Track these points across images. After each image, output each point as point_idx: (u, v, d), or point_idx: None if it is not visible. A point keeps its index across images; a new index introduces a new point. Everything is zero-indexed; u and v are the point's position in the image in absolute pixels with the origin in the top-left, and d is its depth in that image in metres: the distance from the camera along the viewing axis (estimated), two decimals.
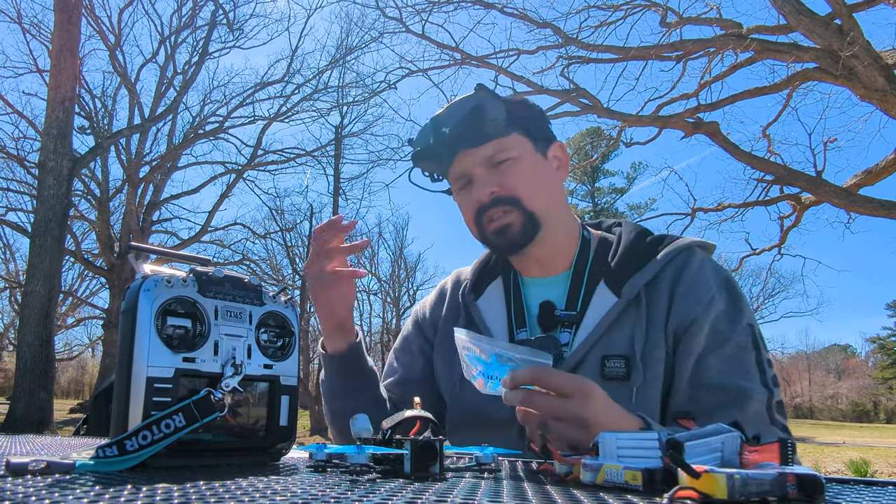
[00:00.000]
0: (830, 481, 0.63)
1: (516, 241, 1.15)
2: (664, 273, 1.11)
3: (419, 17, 10.54)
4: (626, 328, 1.08)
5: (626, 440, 0.55)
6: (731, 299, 1.08)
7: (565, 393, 0.80)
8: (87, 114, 15.82)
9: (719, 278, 1.11)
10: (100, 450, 0.58)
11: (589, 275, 1.17)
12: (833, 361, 45.66)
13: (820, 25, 7.35)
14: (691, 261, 1.12)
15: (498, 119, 1.13)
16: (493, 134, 1.14)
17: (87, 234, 18.50)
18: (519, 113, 1.18)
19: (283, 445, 0.71)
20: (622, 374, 1.05)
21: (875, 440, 19.40)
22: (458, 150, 1.16)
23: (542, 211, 1.15)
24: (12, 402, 9.77)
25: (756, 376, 1.03)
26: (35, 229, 10.16)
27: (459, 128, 1.13)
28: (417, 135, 1.20)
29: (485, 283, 1.29)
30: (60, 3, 10.52)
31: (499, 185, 1.14)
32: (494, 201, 1.14)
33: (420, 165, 1.24)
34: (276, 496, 0.42)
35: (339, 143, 18.19)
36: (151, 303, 0.62)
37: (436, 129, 1.15)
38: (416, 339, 1.37)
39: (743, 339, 1.05)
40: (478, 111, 1.12)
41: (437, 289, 1.43)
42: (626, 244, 1.18)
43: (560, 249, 1.21)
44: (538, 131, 1.21)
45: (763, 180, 9.46)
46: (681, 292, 1.08)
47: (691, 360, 1.05)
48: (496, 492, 0.49)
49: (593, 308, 1.12)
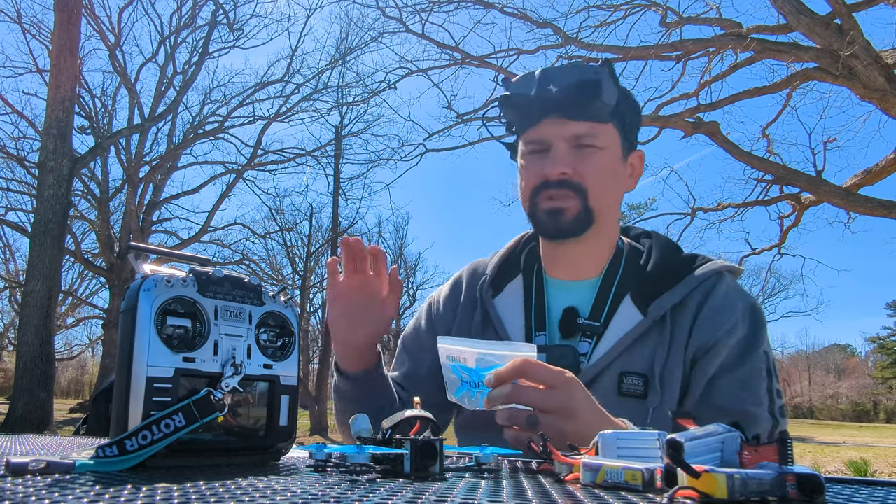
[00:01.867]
0: (830, 481, 0.63)
1: (566, 228, 1.10)
2: (692, 297, 1.09)
3: (419, 16, 10.56)
4: (648, 347, 1.06)
5: (626, 440, 0.55)
6: (753, 327, 1.08)
7: (551, 384, 0.81)
8: (86, 114, 15.83)
9: (745, 305, 1.10)
10: (100, 450, 0.58)
11: (617, 287, 1.13)
12: (833, 361, 45.67)
13: (820, 25, 7.36)
14: (719, 286, 1.10)
15: (609, 104, 1.08)
16: (596, 115, 1.08)
17: (86, 233, 18.52)
18: (625, 106, 1.12)
19: (283, 445, 0.71)
20: (640, 392, 1.04)
21: (875, 440, 19.41)
22: (553, 113, 1.08)
23: (600, 210, 1.11)
24: (12, 401, 9.77)
25: (765, 403, 1.04)
26: (35, 229, 10.17)
27: (568, 93, 1.06)
28: (519, 78, 1.13)
29: (505, 280, 1.23)
30: (60, 3, 10.52)
31: (573, 169, 1.08)
32: (561, 182, 1.08)
33: (504, 110, 1.16)
34: (276, 496, 0.42)
35: (339, 142, 18.19)
36: (151, 302, 0.62)
37: (542, 83, 1.07)
38: (427, 332, 1.30)
39: (757, 366, 1.05)
40: (594, 86, 1.06)
41: (452, 280, 1.35)
42: (658, 261, 1.15)
43: (595, 254, 1.17)
44: (631, 132, 1.17)
45: (763, 180, 9.46)
46: (705, 316, 1.07)
47: (704, 380, 1.05)
48: (496, 492, 0.49)
49: (617, 322, 1.09)
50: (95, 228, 16.18)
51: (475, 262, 1.34)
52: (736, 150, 8.82)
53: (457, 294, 1.30)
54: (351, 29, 17.37)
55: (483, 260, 1.33)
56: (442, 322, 1.29)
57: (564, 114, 1.08)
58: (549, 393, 0.81)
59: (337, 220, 19.11)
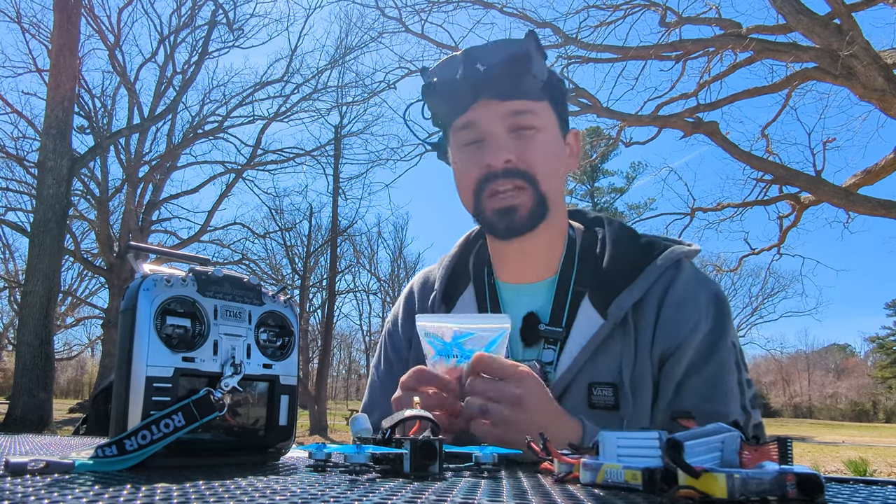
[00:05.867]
0: (830, 480, 0.63)
1: (519, 226, 1.03)
2: (652, 292, 1.02)
3: (418, 16, 10.55)
4: (614, 353, 1.00)
5: (625, 440, 0.55)
6: (717, 318, 1.02)
7: (503, 375, 0.84)
8: (86, 113, 15.81)
9: (707, 296, 1.04)
10: (99, 449, 0.58)
11: (574, 286, 1.06)
12: (832, 361, 45.67)
13: (819, 25, 7.36)
14: (679, 276, 1.04)
15: (540, 78, 1.00)
16: (529, 93, 1.00)
17: (86, 233, 18.52)
18: (554, 82, 1.05)
19: (283, 445, 0.71)
20: (611, 403, 0.98)
21: (874, 440, 19.42)
22: (484, 95, 1.00)
23: (551, 197, 1.03)
24: (12, 401, 9.76)
25: (736, 398, 0.99)
26: (34, 229, 10.16)
27: (497, 70, 0.97)
28: (440, 64, 1.04)
29: (457, 292, 1.15)
30: (60, 3, 10.51)
31: (516, 156, 1.00)
32: (507, 172, 1.00)
33: (429, 101, 1.08)
34: (275, 496, 0.42)
35: (339, 142, 18.19)
36: (151, 302, 0.62)
37: (468, 63, 0.98)
38: (392, 360, 1.21)
39: (725, 359, 1.00)
40: (524, 59, 0.98)
41: (403, 296, 1.25)
42: (613, 253, 1.07)
43: (549, 248, 1.10)
44: (564, 110, 1.09)
45: (762, 180, 9.47)
46: (667, 317, 1.01)
47: (672, 384, 0.99)
48: (496, 491, 0.48)
49: (578, 327, 1.02)
50: (95, 228, 16.17)
51: (425, 272, 1.26)
52: (735, 150, 8.82)
53: (410, 309, 1.22)
54: (350, 29, 17.43)
55: (432, 268, 1.25)
56: (402, 340, 1.21)
57: (496, 94, 0.99)
58: (498, 384, 0.84)
59: (336, 220, 19.11)
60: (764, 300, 29.40)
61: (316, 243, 20.57)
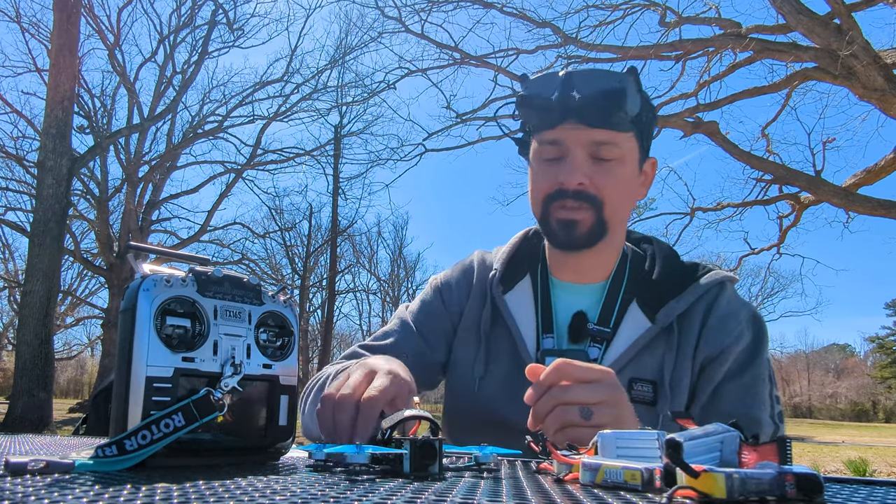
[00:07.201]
0: (829, 480, 0.63)
1: (578, 241, 1.09)
2: (697, 305, 1.11)
3: (418, 16, 10.56)
4: (657, 354, 1.08)
5: (625, 439, 0.55)
6: (756, 335, 1.11)
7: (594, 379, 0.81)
8: (86, 113, 15.81)
9: (748, 314, 1.12)
10: (99, 449, 0.58)
11: (624, 292, 1.14)
12: (832, 361, 45.69)
13: (819, 25, 7.36)
14: (722, 295, 1.12)
15: (631, 114, 1.06)
16: (617, 124, 1.06)
17: (86, 233, 18.50)
18: (645, 114, 1.10)
19: (283, 445, 0.71)
20: (650, 398, 1.06)
21: (874, 440, 19.42)
22: (572, 118, 1.05)
23: (613, 221, 1.11)
24: (11, 401, 9.76)
25: (767, 408, 1.07)
26: (34, 229, 10.15)
27: (591, 101, 1.03)
28: (540, 79, 1.09)
29: (515, 278, 1.21)
30: (59, 3, 10.51)
31: (590, 179, 1.06)
32: (577, 194, 1.06)
33: (521, 110, 1.13)
34: (275, 496, 0.42)
35: (339, 142, 18.21)
36: (150, 302, 0.62)
37: (565, 88, 1.04)
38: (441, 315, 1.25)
39: (760, 372, 1.08)
40: (619, 95, 1.03)
41: (463, 265, 1.30)
42: (662, 268, 1.16)
43: (603, 260, 1.17)
44: (648, 140, 1.15)
45: (762, 180, 9.47)
46: (712, 325, 1.09)
47: (710, 387, 1.07)
48: (495, 491, 0.48)
49: (625, 328, 1.10)
50: (95, 228, 16.16)
51: (481, 253, 1.31)
52: (735, 150, 8.83)
53: (469, 280, 1.27)
54: (350, 29, 17.47)
55: (488, 253, 1.30)
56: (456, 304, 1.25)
57: (585, 121, 1.05)
58: (595, 386, 0.81)
59: (336, 220, 19.12)
60: (764, 300, 29.38)
61: (316, 243, 20.60)
